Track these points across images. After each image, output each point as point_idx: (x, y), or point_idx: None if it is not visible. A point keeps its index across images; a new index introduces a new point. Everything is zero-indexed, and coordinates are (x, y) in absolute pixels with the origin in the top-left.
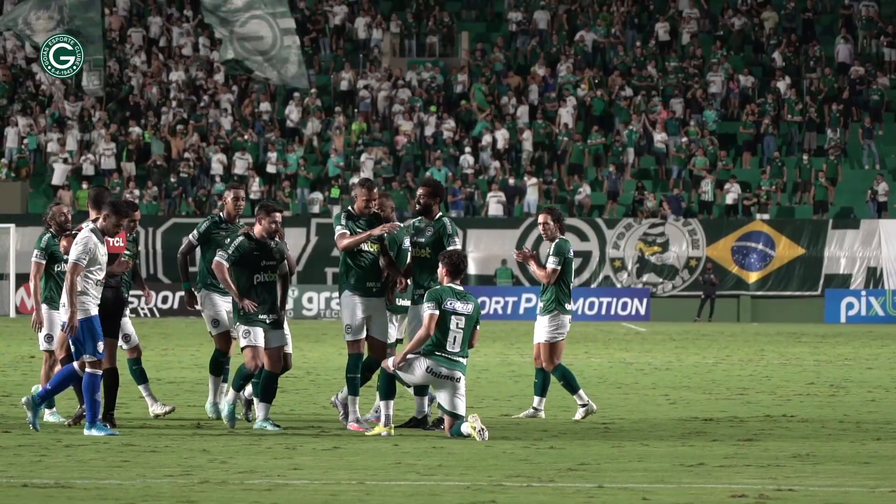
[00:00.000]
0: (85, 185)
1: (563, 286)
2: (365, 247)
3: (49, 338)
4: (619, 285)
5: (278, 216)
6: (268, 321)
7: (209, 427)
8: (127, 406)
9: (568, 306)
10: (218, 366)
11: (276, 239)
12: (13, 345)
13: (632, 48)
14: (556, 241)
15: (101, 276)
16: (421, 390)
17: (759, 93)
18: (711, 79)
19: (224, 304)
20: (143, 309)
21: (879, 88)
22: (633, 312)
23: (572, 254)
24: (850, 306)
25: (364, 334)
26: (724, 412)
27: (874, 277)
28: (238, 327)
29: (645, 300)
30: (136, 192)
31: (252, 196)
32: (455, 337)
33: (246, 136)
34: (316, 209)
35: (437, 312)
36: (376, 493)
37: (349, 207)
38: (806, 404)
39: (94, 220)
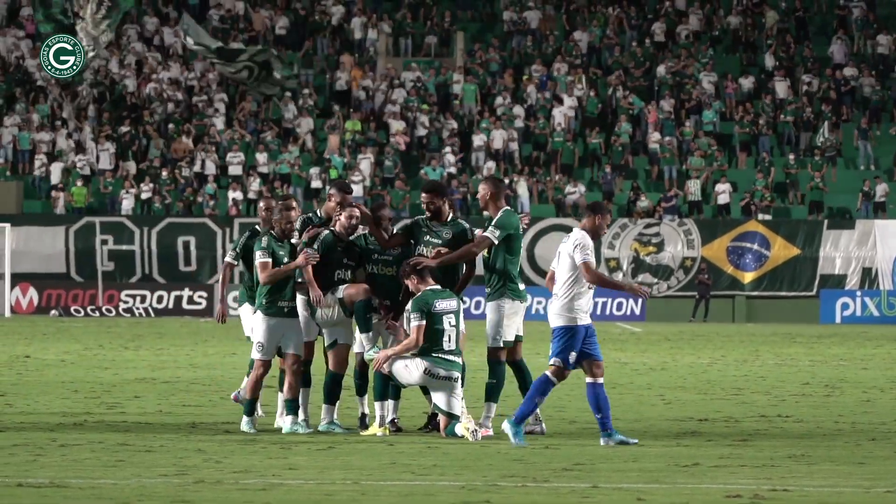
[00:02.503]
0: (79, 184)
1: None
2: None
3: (261, 346)
4: None
5: (356, 211)
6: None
7: (204, 427)
8: (122, 406)
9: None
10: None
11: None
12: (8, 344)
13: (628, 48)
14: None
15: None
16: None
17: (755, 93)
18: (705, 79)
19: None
20: (138, 309)
21: (878, 89)
22: (629, 313)
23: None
24: (845, 307)
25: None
26: (719, 412)
27: (869, 278)
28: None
29: (640, 300)
30: (133, 190)
31: (250, 196)
32: (450, 335)
33: (237, 136)
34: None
35: (424, 322)
36: (371, 492)
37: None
38: (801, 405)
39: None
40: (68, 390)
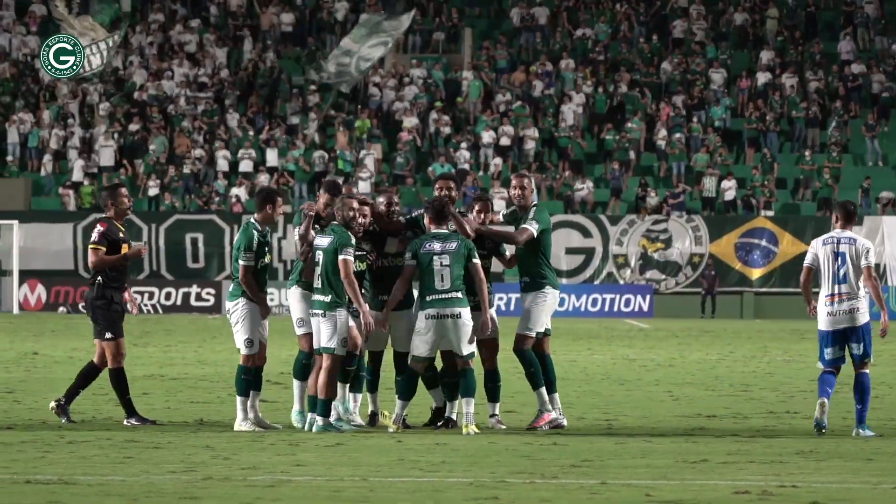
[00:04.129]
0: (86, 182)
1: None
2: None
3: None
4: (622, 282)
5: (355, 203)
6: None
7: (212, 424)
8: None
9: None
10: (305, 370)
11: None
12: (17, 341)
13: (636, 45)
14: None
15: None
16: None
17: (763, 89)
18: (714, 75)
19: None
20: (146, 305)
21: (889, 85)
22: (636, 309)
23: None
24: None
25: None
26: (727, 409)
27: (877, 274)
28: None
29: (648, 297)
30: (140, 188)
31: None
32: (441, 274)
33: (251, 132)
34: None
35: (414, 263)
36: (379, 489)
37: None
38: (809, 401)
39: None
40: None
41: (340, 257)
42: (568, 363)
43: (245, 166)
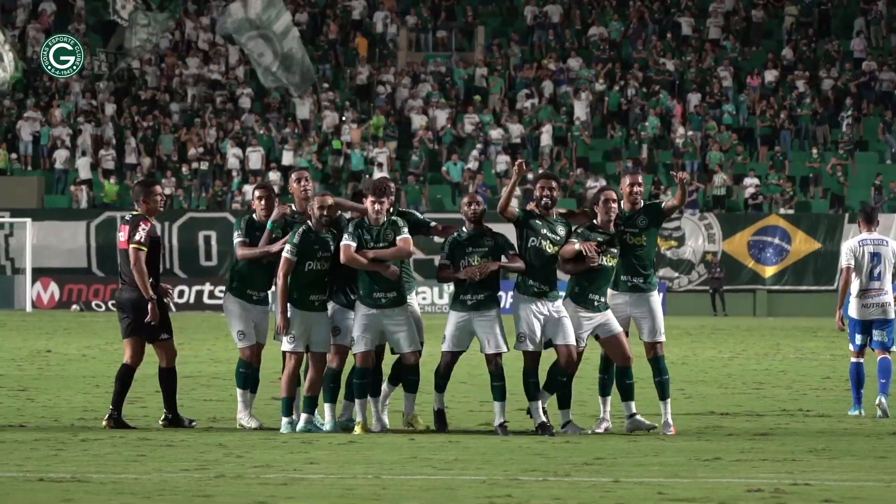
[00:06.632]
0: (112, 180)
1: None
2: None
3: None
4: None
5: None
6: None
7: (225, 422)
8: (143, 401)
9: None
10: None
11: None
12: (30, 339)
13: (649, 42)
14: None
15: None
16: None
17: (778, 87)
18: (723, 74)
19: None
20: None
21: None
22: None
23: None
24: None
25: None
26: (740, 406)
27: (890, 272)
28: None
29: (661, 294)
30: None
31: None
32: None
33: (262, 131)
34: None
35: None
36: (392, 487)
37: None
38: (822, 399)
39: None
40: (89, 385)
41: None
42: (582, 361)
43: (255, 163)
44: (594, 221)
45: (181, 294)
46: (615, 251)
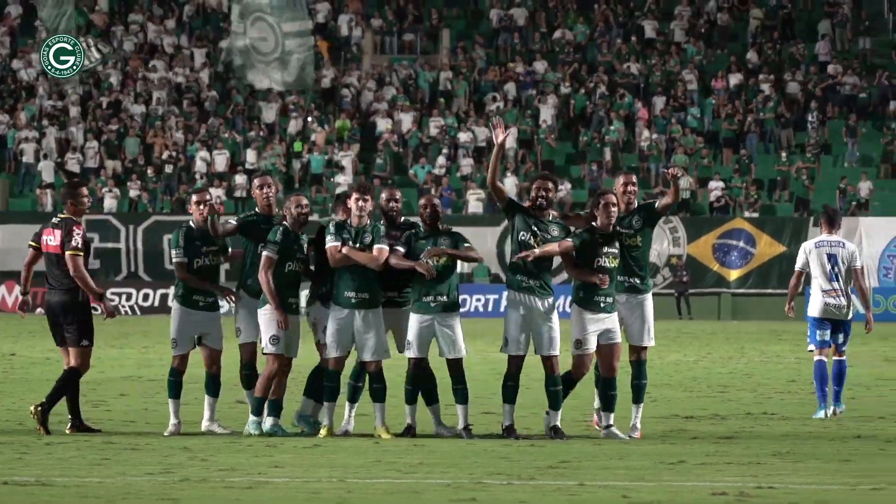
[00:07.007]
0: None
1: None
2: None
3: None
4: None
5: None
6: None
7: (189, 425)
8: (107, 404)
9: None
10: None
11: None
12: None
13: (613, 46)
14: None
15: None
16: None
17: (742, 90)
18: (688, 77)
19: None
20: (124, 307)
21: (864, 87)
22: None
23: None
24: None
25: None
26: (704, 410)
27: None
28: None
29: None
30: (116, 190)
31: (237, 193)
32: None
33: (227, 134)
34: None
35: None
36: (357, 490)
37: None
38: (786, 402)
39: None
40: None
41: (263, 253)
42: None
43: (221, 166)
44: (593, 224)
45: (146, 297)
46: (616, 251)
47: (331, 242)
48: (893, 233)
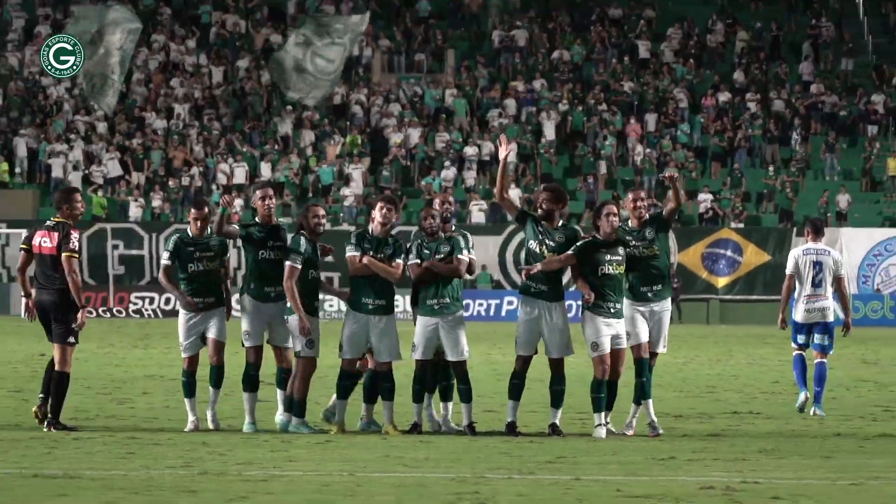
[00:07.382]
0: (100, 194)
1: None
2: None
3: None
4: None
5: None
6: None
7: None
8: (132, 402)
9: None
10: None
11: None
12: (24, 343)
13: (609, 65)
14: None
15: None
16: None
17: (729, 108)
18: (679, 95)
19: None
20: (147, 311)
21: (844, 104)
22: None
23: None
24: None
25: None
26: (693, 409)
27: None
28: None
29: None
30: (142, 200)
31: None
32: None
33: (244, 148)
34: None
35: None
36: (366, 483)
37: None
38: (771, 402)
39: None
40: (81, 387)
41: (287, 263)
42: (544, 366)
43: (240, 178)
44: (595, 234)
45: (167, 301)
46: (619, 258)
47: (350, 252)
48: (871, 243)
